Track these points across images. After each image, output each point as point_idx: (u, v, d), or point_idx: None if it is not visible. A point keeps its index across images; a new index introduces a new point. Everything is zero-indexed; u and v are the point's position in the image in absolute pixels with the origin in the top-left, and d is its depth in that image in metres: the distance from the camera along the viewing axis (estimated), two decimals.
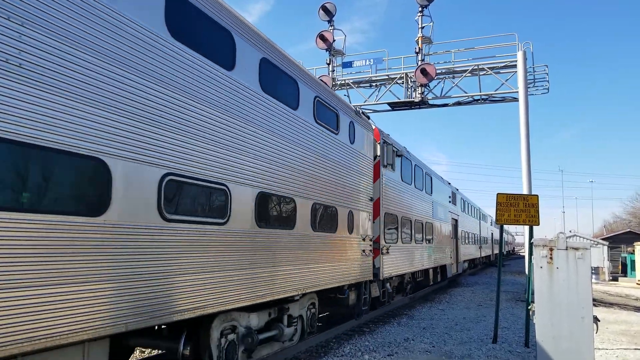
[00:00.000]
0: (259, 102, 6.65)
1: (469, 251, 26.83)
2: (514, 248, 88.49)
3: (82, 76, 4.05)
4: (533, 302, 7.63)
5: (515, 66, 18.84)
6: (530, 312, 7.95)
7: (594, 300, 7.54)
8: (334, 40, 20.94)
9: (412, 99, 20.12)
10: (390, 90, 20.94)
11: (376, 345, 9.23)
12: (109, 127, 4.29)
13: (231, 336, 6.29)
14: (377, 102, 21.17)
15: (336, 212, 9.09)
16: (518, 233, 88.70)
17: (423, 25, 19.69)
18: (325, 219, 8.65)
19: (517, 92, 18.56)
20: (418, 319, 12.57)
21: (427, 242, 16.64)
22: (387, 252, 11.98)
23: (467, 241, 26.32)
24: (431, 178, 18.13)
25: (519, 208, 9.65)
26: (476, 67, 19.62)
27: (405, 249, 13.72)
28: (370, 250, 10.88)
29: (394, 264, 12.65)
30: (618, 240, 36.78)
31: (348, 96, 21.46)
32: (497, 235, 33.78)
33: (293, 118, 7.62)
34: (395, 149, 13.05)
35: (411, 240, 14.45)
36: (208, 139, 5.57)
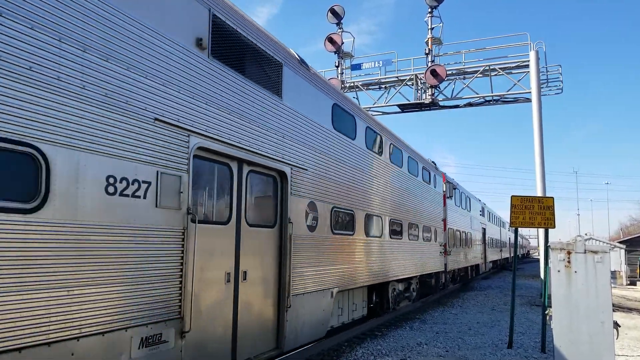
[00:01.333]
0: (381, 165, 11.05)
1: (493, 253, 32.46)
2: (528, 251, 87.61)
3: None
4: (550, 306, 7.43)
5: (527, 66, 18.60)
6: (547, 317, 7.74)
7: (612, 305, 7.31)
8: (342, 43, 20.87)
9: (422, 101, 19.96)
10: (399, 92, 20.82)
11: (389, 349, 9.06)
12: None
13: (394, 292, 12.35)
14: (387, 104, 21.04)
15: (430, 228, 15.09)
16: (531, 236, 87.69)
17: (433, 26, 19.55)
18: (423, 232, 14.34)
19: (530, 92, 18.32)
20: (431, 323, 12.36)
21: (468, 247, 22.15)
22: (450, 254, 17.64)
23: (492, 245, 31.67)
24: (469, 199, 23.62)
25: (534, 210, 9.42)
26: (487, 68, 19.41)
27: (457, 252, 19.46)
28: (442, 252, 16.49)
29: (454, 261, 18.68)
30: (635, 243, 36.07)
31: (357, 98, 21.36)
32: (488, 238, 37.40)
33: (408, 177, 13.10)
34: (453, 185, 18.91)
35: (460, 245, 19.99)
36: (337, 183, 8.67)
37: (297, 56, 7.45)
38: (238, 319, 5.74)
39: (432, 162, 16.36)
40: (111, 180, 4.05)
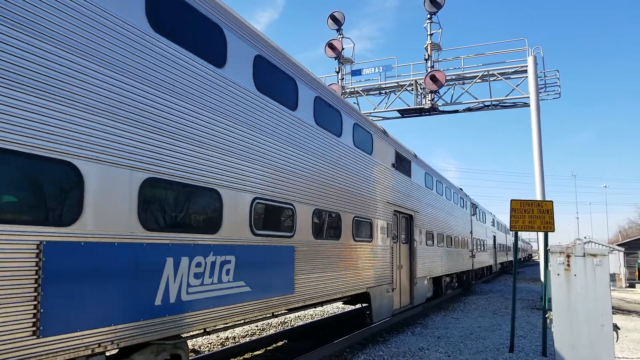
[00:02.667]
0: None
1: (501, 256, 39.35)
2: (530, 255, 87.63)
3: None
4: (550, 309, 7.50)
5: (525, 71, 18.73)
6: (548, 320, 7.82)
7: (611, 307, 7.38)
8: (342, 49, 21.02)
9: (422, 106, 20.08)
10: (399, 97, 20.94)
11: (390, 354, 9.12)
12: None
13: (445, 282, 17.93)
14: (387, 110, 21.15)
15: (464, 238, 21.45)
16: (531, 240, 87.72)
17: (432, 32, 19.70)
18: (460, 241, 20.39)
19: (528, 97, 18.43)
20: (432, 327, 12.42)
21: (484, 251, 28.71)
22: (475, 256, 24.10)
23: (500, 250, 38.51)
24: (484, 213, 30.43)
25: (534, 214, 9.51)
26: (486, 73, 19.54)
27: (479, 255, 26.14)
28: (471, 255, 23.04)
29: (478, 261, 25.45)
30: (634, 246, 36.15)
31: (357, 104, 21.49)
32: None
33: (453, 206, 19.53)
34: (475, 205, 26.10)
35: (479, 250, 26.60)
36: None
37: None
38: (400, 286, 12.01)
39: (460, 189, 22.40)
40: None
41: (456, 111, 20.84)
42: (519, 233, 11.27)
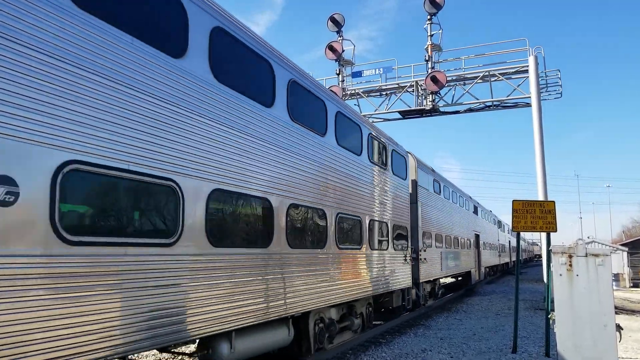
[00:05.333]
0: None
1: (504, 257, 43.37)
2: (535, 255, 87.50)
3: None
4: (553, 310, 7.47)
5: (526, 71, 18.70)
6: (551, 321, 7.78)
7: (615, 307, 7.35)
8: (343, 51, 21.02)
9: (423, 107, 20.06)
10: (400, 99, 20.92)
11: (393, 356, 9.10)
12: None
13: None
14: (388, 111, 21.14)
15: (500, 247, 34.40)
16: (535, 241, 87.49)
17: (432, 33, 19.69)
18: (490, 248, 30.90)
19: (530, 97, 18.41)
20: (435, 329, 12.39)
21: (502, 252, 37.92)
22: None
23: (510, 251, 45.30)
24: (500, 221, 39.03)
25: (536, 215, 9.48)
26: (487, 73, 19.52)
27: (494, 255, 33.42)
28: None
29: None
30: (638, 246, 36.01)
31: (358, 106, 21.49)
32: (523, 244, 49.29)
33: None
34: (497, 219, 37.46)
35: (497, 252, 34.94)
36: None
37: None
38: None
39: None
40: None
41: (457, 112, 20.82)
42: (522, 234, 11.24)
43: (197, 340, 5.70)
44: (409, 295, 13.28)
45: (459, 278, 23.57)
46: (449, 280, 23.58)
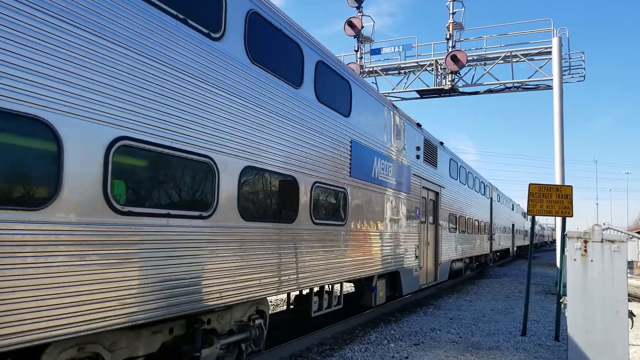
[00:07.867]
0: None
1: (518, 240, 45.10)
2: (551, 239, 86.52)
3: None
4: (565, 294, 7.46)
5: (549, 53, 18.26)
6: (562, 305, 7.77)
7: (628, 295, 7.30)
8: (362, 27, 20.69)
9: (442, 87, 19.78)
10: (419, 78, 20.63)
11: (402, 334, 9.21)
12: None
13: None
14: (406, 90, 20.89)
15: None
16: (549, 225, 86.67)
17: (454, 10, 19.26)
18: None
19: (552, 79, 18.00)
20: (445, 309, 12.47)
21: (525, 235, 44.61)
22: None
23: (518, 233, 46.11)
24: (520, 206, 42.66)
25: (552, 199, 9.38)
26: (509, 54, 19.11)
27: (515, 238, 37.78)
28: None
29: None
30: None
31: (376, 84, 21.25)
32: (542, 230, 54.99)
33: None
34: (523, 210, 42.05)
35: (520, 235, 40.79)
36: None
37: None
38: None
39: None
40: None
41: (477, 92, 20.51)
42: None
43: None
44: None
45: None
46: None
